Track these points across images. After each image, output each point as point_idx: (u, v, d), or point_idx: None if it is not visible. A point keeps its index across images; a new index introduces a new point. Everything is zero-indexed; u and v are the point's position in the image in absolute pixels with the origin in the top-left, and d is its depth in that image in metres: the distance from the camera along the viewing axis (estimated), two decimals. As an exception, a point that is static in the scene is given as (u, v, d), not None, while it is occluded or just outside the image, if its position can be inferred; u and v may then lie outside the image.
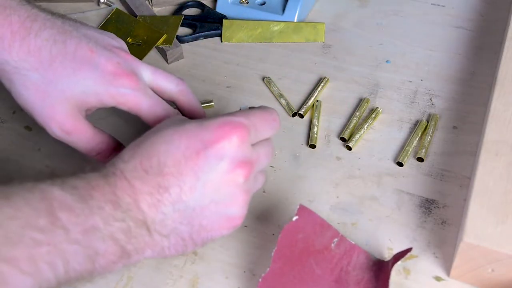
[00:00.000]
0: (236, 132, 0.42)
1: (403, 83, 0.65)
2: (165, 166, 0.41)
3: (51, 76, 0.48)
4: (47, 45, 0.48)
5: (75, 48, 0.49)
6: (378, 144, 0.59)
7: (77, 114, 0.50)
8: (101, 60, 0.49)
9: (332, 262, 0.47)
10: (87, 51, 0.49)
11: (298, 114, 0.62)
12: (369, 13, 0.75)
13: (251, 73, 0.68)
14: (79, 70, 0.49)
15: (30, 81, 0.48)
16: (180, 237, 0.42)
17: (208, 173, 0.42)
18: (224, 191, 0.42)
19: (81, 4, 0.77)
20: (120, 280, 0.49)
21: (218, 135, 0.42)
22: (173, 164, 0.41)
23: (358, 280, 0.47)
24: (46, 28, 0.49)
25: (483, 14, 0.73)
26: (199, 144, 0.42)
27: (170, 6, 0.77)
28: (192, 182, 0.41)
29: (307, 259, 0.47)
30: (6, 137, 0.62)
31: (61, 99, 0.49)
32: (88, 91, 0.49)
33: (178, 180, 0.41)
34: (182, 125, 0.43)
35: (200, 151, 0.41)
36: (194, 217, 0.42)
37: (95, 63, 0.49)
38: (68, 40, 0.49)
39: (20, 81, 0.48)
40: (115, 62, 0.50)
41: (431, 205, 0.54)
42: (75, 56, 0.49)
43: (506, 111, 0.53)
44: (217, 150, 0.42)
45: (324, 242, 0.48)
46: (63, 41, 0.49)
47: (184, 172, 0.41)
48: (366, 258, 0.49)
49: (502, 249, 0.43)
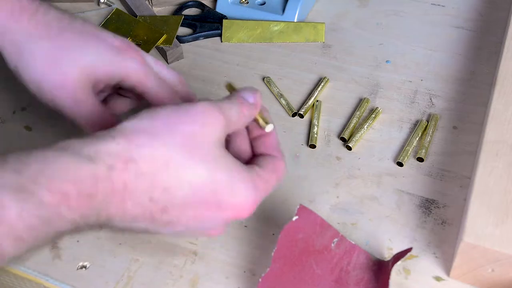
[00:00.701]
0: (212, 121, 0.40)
1: (403, 83, 0.65)
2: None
3: (62, 43, 0.49)
4: (55, 20, 0.49)
5: (82, 25, 0.50)
6: (378, 144, 0.59)
7: (87, 84, 0.49)
8: (108, 36, 0.50)
9: (332, 262, 0.47)
10: (93, 29, 0.51)
11: (298, 114, 0.62)
12: (369, 13, 0.75)
13: (251, 73, 0.68)
14: (88, 42, 0.49)
15: (41, 49, 0.48)
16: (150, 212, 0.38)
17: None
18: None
19: (81, 4, 0.77)
20: (120, 280, 0.49)
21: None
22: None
23: (358, 280, 0.47)
24: (52, 9, 0.50)
25: (483, 14, 0.73)
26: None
27: (170, 6, 0.77)
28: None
29: (307, 259, 0.47)
30: (6, 137, 0.62)
31: (73, 66, 0.48)
32: (98, 61, 0.49)
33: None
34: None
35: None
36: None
37: (102, 38, 0.50)
38: (73, 20, 0.50)
39: (30, 50, 0.48)
40: (120, 39, 0.51)
41: (431, 205, 0.54)
42: (83, 30, 0.50)
43: (506, 111, 0.53)
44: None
45: (324, 242, 0.48)
46: (69, 20, 0.50)
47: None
48: (366, 258, 0.49)
49: (502, 249, 0.43)
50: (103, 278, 0.49)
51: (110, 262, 0.50)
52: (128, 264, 0.50)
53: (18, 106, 0.64)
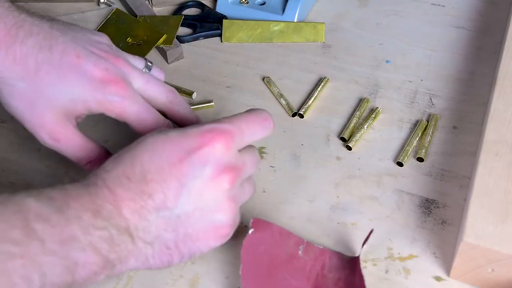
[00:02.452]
0: (219, 138, 0.42)
1: (403, 83, 0.65)
2: (148, 172, 0.41)
3: (38, 85, 0.48)
4: (33, 52, 0.47)
5: (61, 54, 0.48)
6: (378, 144, 0.59)
7: (66, 122, 0.49)
8: (88, 66, 0.48)
9: (306, 270, 0.47)
10: (73, 57, 0.48)
11: (298, 114, 0.62)
12: (369, 13, 0.75)
13: (251, 73, 0.68)
14: (66, 78, 0.48)
15: (17, 90, 0.48)
16: (165, 245, 0.41)
17: (193, 180, 0.41)
18: (209, 197, 0.42)
19: (81, 4, 0.77)
20: (120, 280, 0.49)
21: (201, 142, 0.42)
22: (157, 171, 0.41)
23: (335, 281, 0.47)
24: (33, 34, 0.48)
25: (483, 14, 0.73)
26: (182, 151, 0.41)
27: (170, 6, 0.77)
28: (177, 188, 0.41)
29: (278, 271, 0.46)
30: (6, 137, 0.62)
31: (49, 108, 0.48)
32: (76, 99, 0.48)
33: (162, 187, 0.41)
34: (165, 134, 0.43)
35: (184, 158, 0.41)
36: (179, 224, 0.41)
37: (82, 70, 0.48)
38: (54, 46, 0.48)
39: (8, 91, 0.48)
40: (102, 68, 0.49)
41: (431, 205, 0.54)
42: (61, 63, 0.48)
43: (506, 111, 0.53)
44: (201, 156, 0.41)
45: (289, 251, 0.47)
46: (49, 48, 0.48)
47: (168, 179, 0.41)
48: (338, 258, 0.49)
49: (502, 249, 0.43)
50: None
51: (110, 262, 0.50)
52: (128, 264, 0.50)
53: (18, 106, 0.64)
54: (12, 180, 0.57)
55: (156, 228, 0.41)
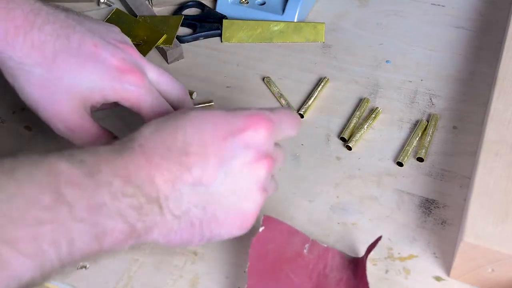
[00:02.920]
0: (264, 124, 0.42)
1: (403, 83, 0.65)
2: (190, 145, 0.40)
3: (56, 72, 0.48)
4: (51, 40, 0.48)
5: (79, 43, 0.48)
6: (378, 144, 0.59)
7: (82, 111, 0.49)
8: (106, 55, 0.49)
9: (308, 268, 0.47)
10: (91, 46, 0.49)
11: (298, 114, 0.62)
12: (369, 13, 0.75)
13: (251, 73, 0.68)
14: (84, 66, 0.48)
15: (34, 77, 0.48)
16: (190, 222, 0.41)
17: (232, 160, 0.41)
18: (244, 182, 0.42)
19: (81, 4, 0.77)
20: (120, 280, 0.49)
21: (246, 124, 0.42)
22: (199, 145, 0.40)
23: (337, 281, 0.47)
24: (49, 22, 0.48)
25: (483, 14, 0.73)
26: (226, 129, 0.41)
27: (170, 6, 0.77)
28: (216, 166, 0.40)
29: (282, 269, 0.46)
30: (6, 137, 0.62)
31: (66, 96, 0.48)
32: (93, 87, 0.48)
33: (201, 162, 0.40)
34: (211, 111, 0.43)
35: (228, 136, 0.41)
36: (210, 203, 0.41)
37: (99, 58, 0.49)
38: (72, 35, 0.48)
39: (24, 77, 0.48)
40: (120, 58, 0.49)
41: (431, 205, 0.54)
42: (79, 51, 0.48)
43: (506, 111, 0.53)
44: (244, 138, 0.41)
45: (295, 249, 0.48)
46: (66, 36, 0.48)
47: (209, 155, 0.40)
48: (341, 258, 0.49)
49: (502, 249, 0.43)
50: (103, 278, 0.49)
51: (110, 262, 0.50)
52: (128, 264, 0.50)
53: (18, 106, 0.64)
54: (12, 180, 0.57)
55: (188, 202, 0.40)
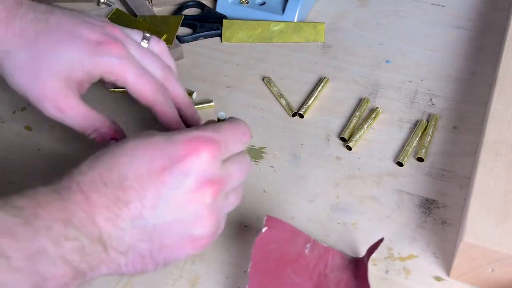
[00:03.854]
0: (205, 148, 0.40)
1: (403, 83, 0.65)
2: (126, 179, 0.38)
3: (38, 53, 0.48)
4: (31, 24, 0.49)
5: (57, 22, 0.49)
6: (378, 144, 0.59)
7: (68, 90, 0.49)
8: (84, 31, 0.49)
9: (309, 268, 0.47)
10: (68, 24, 0.49)
11: (298, 114, 0.62)
12: (369, 13, 0.75)
13: (251, 73, 0.68)
14: (62, 42, 0.49)
15: (19, 61, 0.48)
16: (139, 254, 0.39)
17: (173, 190, 0.39)
18: (189, 210, 0.40)
19: (81, 4, 0.77)
20: (120, 279, 0.49)
21: (186, 151, 0.39)
22: (135, 178, 0.38)
23: (337, 281, 0.47)
24: (30, 11, 0.49)
25: (483, 14, 0.73)
26: (165, 159, 0.39)
27: (170, 6, 0.77)
28: (155, 198, 0.39)
29: (284, 269, 0.46)
30: (6, 137, 0.62)
31: (50, 75, 0.48)
32: (73, 63, 0.48)
33: (139, 195, 0.38)
34: (149, 138, 0.41)
35: (166, 167, 0.39)
36: (155, 235, 0.39)
37: (77, 34, 0.49)
38: (51, 17, 0.50)
39: (11, 64, 0.49)
40: (98, 32, 0.49)
41: (431, 205, 0.54)
42: (58, 29, 0.49)
43: (506, 111, 0.53)
44: (184, 167, 0.39)
45: (297, 249, 0.48)
46: (45, 19, 0.49)
47: (146, 187, 0.38)
48: (341, 258, 0.49)
49: (502, 249, 0.43)
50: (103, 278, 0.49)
51: (110, 262, 0.50)
52: (128, 264, 0.50)
53: (18, 106, 0.64)
54: (12, 179, 0.57)
55: (131, 238, 0.39)
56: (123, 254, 0.39)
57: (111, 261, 0.39)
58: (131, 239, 0.39)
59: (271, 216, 0.47)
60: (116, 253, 0.39)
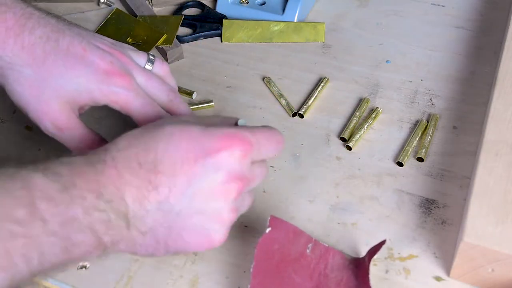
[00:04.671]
0: (239, 146, 0.41)
1: (403, 83, 0.65)
2: (160, 163, 0.40)
3: (44, 73, 0.49)
4: (41, 42, 0.49)
5: (68, 46, 0.49)
6: (378, 144, 0.59)
7: (69, 111, 0.50)
8: (94, 58, 0.50)
9: (310, 268, 0.47)
10: (80, 49, 0.50)
11: (298, 114, 0.62)
12: (369, 13, 0.75)
13: (251, 73, 0.68)
14: (72, 68, 0.49)
15: (24, 77, 0.49)
16: (155, 239, 0.41)
17: (202, 181, 0.40)
18: (213, 204, 0.41)
19: (81, 4, 0.77)
20: (120, 280, 0.49)
21: (221, 145, 0.41)
22: (169, 164, 0.40)
23: (337, 281, 0.47)
24: (40, 26, 0.49)
25: (483, 14, 0.73)
26: (199, 150, 0.41)
27: (170, 6, 0.77)
28: (184, 186, 0.40)
29: (285, 269, 0.46)
30: (6, 137, 0.62)
31: (55, 96, 0.49)
32: (81, 89, 0.49)
33: (169, 181, 0.40)
34: (186, 126, 0.42)
35: (199, 158, 0.40)
36: (176, 222, 0.41)
37: (88, 62, 0.49)
38: (61, 38, 0.50)
39: (14, 77, 0.49)
40: (108, 61, 0.50)
41: (431, 205, 0.54)
42: (68, 54, 0.49)
43: (506, 111, 0.53)
44: (217, 160, 0.41)
45: (299, 249, 0.48)
46: (56, 39, 0.49)
47: (177, 175, 0.40)
48: (341, 258, 0.49)
49: (502, 249, 0.43)
50: (103, 278, 0.49)
51: (110, 262, 0.50)
52: (128, 264, 0.50)
53: (18, 106, 0.64)
54: (12, 180, 0.57)
55: (153, 220, 0.40)
56: (143, 235, 0.41)
57: (130, 239, 0.40)
58: (153, 222, 0.40)
59: (274, 216, 0.47)
60: (137, 232, 0.40)
